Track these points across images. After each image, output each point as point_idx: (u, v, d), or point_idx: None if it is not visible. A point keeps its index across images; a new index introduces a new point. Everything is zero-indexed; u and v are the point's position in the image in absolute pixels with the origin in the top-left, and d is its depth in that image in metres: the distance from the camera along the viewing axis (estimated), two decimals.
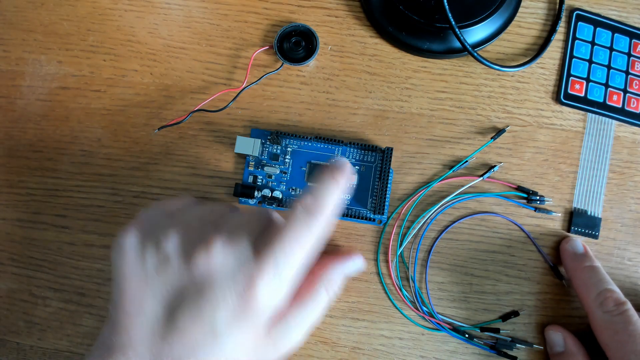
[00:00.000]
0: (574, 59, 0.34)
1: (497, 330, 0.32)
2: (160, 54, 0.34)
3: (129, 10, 0.35)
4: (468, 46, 0.31)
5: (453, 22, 0.31)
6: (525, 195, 0.33)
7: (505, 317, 0.32)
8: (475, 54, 0.32)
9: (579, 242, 0.32)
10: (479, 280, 0.32)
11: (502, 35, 0.34)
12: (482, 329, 0.32)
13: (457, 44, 0.33)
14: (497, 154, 0.33)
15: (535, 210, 0.33)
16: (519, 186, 0.33)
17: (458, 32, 0.31)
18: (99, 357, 0.22)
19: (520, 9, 0.34)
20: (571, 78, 0.34)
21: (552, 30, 0.34)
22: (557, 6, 0.35)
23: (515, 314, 0.32)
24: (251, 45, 0.34)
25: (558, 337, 0.31)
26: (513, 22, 0.34)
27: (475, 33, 0.33)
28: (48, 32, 0.34)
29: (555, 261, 0.32)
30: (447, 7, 0.30)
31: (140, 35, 0.34)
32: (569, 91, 0.34)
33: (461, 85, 0.34)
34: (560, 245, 0.32)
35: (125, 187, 0.33)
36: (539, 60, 0.34)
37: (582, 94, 0.34)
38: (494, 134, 0.33)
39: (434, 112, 0.34)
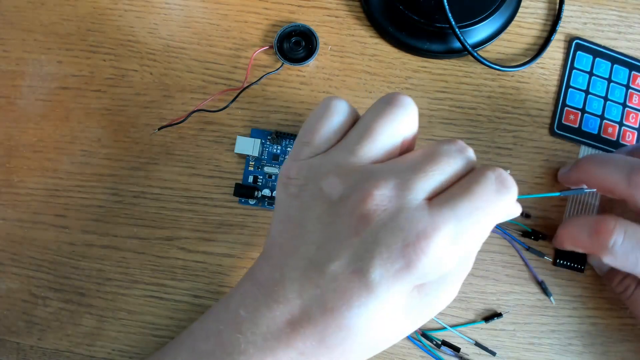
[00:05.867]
0: (570, 89, 0.34)
1: (457, 349, 0.31)
2: (160, 54, 0.34)
3: (129, 10, 0.35)
4: (468, 46, 0.31)
5: (453, 22, 0.31)
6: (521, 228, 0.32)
7: (487, 319, 0.32)
8: (475, 54, 0.32)
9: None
10: (479, 280, 0.32)
11: (502, 35, 0.34)
12: (444, 343, 0.31)
13: (457, 44, 0.33)
14: (497, 154, 0.33)
15: (527, 249, 0.32)
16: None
17: (458, 32, 0.31)
18: (249, 287, 0.22)
19: (520, 9, 0.34)
20: (566, 108, 0.33)
21: (552, 30, 0.34)
22: (557, 6, 0.35)
23: (497, 315, 0.32)
24: (251, 45, 0.34)
25: None
26: (513, 22, 0.34)
27: (475, 33, 0.33)
28: (48, 32, 0.34)
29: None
30: (447, 7, 0.30)
31: (140, 35, 0.34)
32: (563, 122, 0.33)
33: (461, 85, 0.34)
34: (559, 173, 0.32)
35: (125, 187, 0.33)
36: (539, 60, 0.34)
37: (577, 125, 0.33)
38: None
39: (434, 112, 0.34)
